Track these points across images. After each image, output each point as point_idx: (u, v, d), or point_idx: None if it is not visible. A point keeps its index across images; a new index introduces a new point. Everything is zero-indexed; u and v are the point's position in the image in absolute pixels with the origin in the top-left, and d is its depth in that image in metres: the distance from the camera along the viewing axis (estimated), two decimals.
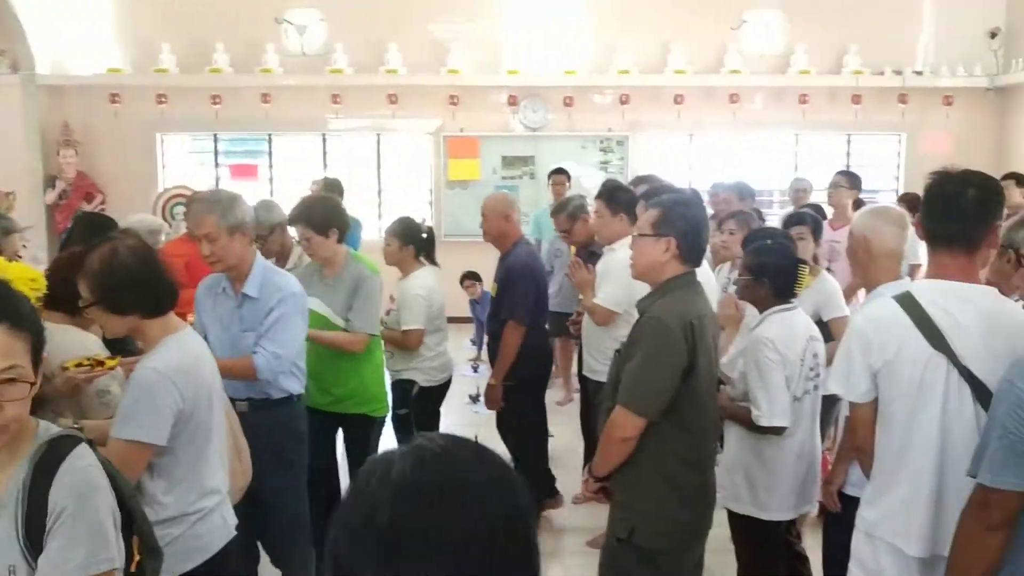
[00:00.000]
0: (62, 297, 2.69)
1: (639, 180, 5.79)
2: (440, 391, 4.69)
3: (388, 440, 4.57)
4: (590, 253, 4.86)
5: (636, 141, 10.29)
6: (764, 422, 3.18)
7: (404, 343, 4.47)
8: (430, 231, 4.73)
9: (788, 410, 3.19)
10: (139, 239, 2.49)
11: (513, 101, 10.10)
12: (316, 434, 3.76)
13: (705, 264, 4.54)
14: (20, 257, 4.24)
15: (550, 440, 5.58)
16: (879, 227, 2.96)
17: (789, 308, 3.34)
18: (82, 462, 1.74)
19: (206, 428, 2.47)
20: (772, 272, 3.32)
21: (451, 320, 4.69)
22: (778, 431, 3.20)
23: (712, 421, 2.93)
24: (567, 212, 5.14)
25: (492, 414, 4.84)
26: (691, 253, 2.81)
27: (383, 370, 4.30)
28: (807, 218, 4.58)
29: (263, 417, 3.33)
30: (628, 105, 10.01)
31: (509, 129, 10.24)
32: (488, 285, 4.74)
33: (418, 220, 4.74)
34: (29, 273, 2.64)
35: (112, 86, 9.87)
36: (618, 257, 4.25)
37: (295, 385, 3.48)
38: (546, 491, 4.96)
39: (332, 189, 6.46)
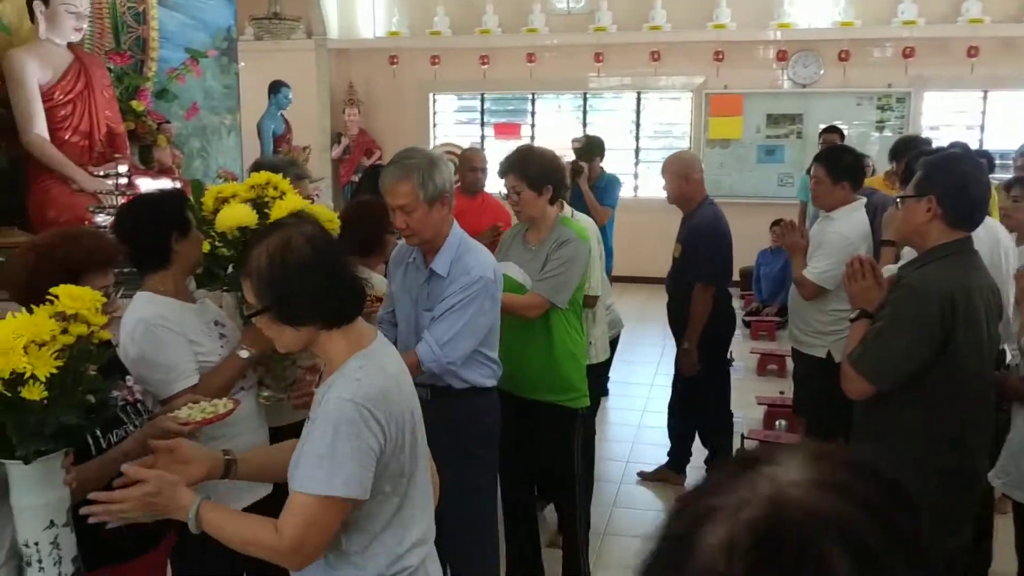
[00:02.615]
0: (352, 241, 2.93)
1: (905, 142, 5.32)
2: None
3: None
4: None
5: (919, 98, 9.46)
6: None
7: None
8: None
9: None
10: (317, 226, 1.90)
11: (782, 56, 9.61)
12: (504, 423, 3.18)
13: (1001, 229, 4.10)
14: (312, 202, 4.69)
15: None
16: None
17: None
18: None
19: (410, 466, 1.90)
20: None
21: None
22: None
23: (980, 403, 2.59)
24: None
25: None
26: (957, 213, 2.53)
27: (582, 355, 3.55)
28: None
29: (446, 407, 2.83)
30: (912, 59, 9.19)
31: (776, 85, 9.78)
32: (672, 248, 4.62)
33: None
34: (327, 214, 2.70)
35: (391, 48, 10.55)
36: (836, 228, 3.96)
37: (478, 376, 2.96)
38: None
39: (593, 147, 6.50)
